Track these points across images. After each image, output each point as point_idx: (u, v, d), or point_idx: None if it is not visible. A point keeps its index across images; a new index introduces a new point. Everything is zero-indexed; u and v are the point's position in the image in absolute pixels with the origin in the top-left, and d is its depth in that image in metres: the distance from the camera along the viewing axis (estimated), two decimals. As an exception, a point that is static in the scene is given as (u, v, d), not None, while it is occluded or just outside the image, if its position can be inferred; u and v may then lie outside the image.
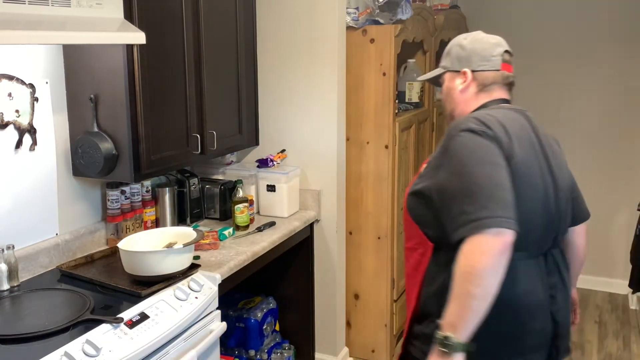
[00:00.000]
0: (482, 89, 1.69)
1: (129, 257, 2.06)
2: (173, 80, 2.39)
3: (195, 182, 2.82)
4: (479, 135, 1.49)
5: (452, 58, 1.73)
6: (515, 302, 1.51)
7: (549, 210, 1.57)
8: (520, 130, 1.59)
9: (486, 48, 1.69)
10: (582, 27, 4.06)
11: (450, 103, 1.75)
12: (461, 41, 1.72)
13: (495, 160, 1.46)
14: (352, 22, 2.99)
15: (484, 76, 1.68)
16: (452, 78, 1.73)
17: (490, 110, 1.63)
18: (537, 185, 1.54)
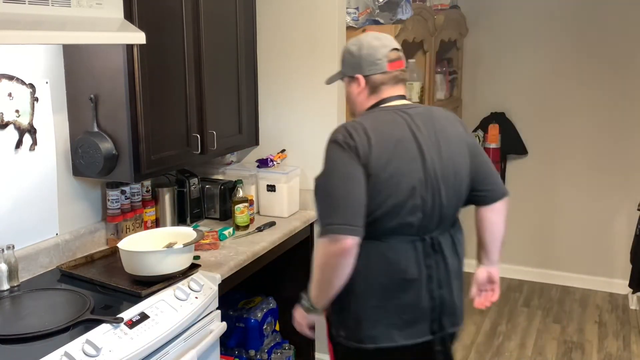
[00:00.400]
0: (373, 91, 1.84)
1: (129, 257, 2.06)
2: (173, 80, 2.39)
3: (195, 182, 2.82)
4: (341, 148, 1.69)
5: (345, 64, 1.88)
6: (388, 278, 1.76)
7: (424, 201, 1.74)
8: (389, 132, 1.74)
9: (372, 53, 1.83)
10: (583, 28, 4.06)
11: (352, 105, 1.92)
12: (350, 48, 1.86)
13: (348, 173, 1.67)
14: (352, 22, 2.99)
15: (374, 79, 1.83)
16: (350, 83, 1.88)
17: (368, 115, 1.82)
18: (402, 182, 1.71)
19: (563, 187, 4.29)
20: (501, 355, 3.44)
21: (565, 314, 3.95)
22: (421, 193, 1.73)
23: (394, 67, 1.85)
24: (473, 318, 3.89)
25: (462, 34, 4.29)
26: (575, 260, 4.35)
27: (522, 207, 4.43)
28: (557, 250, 4.39)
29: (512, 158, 4.40)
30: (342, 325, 1.83)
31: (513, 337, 3.64)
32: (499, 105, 4.35)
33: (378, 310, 1.78)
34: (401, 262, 1.76)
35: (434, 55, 3.70)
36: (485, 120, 4.35)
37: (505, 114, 4.33)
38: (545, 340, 3.60)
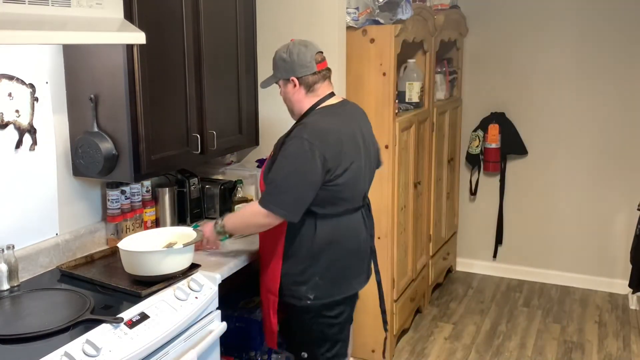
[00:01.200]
0: (309, 90, 2.19)
1: (129, 257, 2.06)
2: (173, 80, 2.39)
3: (195, 182, 2.82)
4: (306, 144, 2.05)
5: (279, 69, 2.21)
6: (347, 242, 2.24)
7: (364, 180, 2.26)
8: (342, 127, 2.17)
9: (301, 57, 2.16)
10: (583, 27, 4.06)
11: (290, 104, 2.25)
12: (282, 55, 2.19)
13: (304, 169, 2.06)
14: (352, 22, 2.99)
15: (307, 80, 2.18)
16: (285, 84, 2.22)
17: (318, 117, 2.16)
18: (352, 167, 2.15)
19: (563, 187, 4.29)
20: (501, 355, 3.44)
21: (565, 314, 3.95)
22: (362, 175, 2.23)
23: (321, 67, 2.20)
24: (473, 318, 3.89)
25: (462, 34, 4.29)
26: (575, 260, 4.35)
27: (522, 207, 4.43)
28: (557, 250, 4.39)
29: (512, 158, 4.40)
30: (312, 289, 2.21)
31: (513, 337, 3.64)
32: (499, 105, 4.36)
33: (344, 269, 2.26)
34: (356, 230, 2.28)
35: (434, 55, 3.71)
36: (485, 120, 4.35)
37: (505, 114, 4.33)
38: (545, 340, 3.60)
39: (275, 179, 2.10)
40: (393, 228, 3.19)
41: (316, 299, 2.23)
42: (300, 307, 2.25)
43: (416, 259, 3.65)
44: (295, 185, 2.08)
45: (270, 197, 2.09)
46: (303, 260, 2.21)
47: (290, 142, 2.09)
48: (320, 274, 2.22)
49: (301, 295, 2.23)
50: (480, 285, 4.44)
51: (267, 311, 2.33)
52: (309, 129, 2.10)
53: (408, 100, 3.49)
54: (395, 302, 3.32)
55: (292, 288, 2.24)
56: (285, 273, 2.24)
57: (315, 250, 2.20)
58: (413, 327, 3.76)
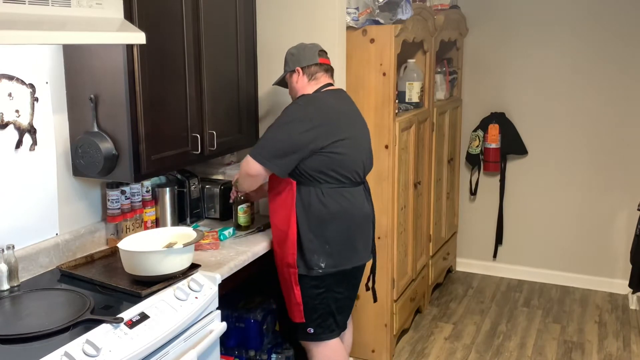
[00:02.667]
0: (311, 78, 2.48)
1: (129, 257, 2.06)
2: (173, 80, 2.39)
3: (195, 182, 2.82)
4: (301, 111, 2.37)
5: (287, 63, 2.52)
6: (352, 212, 2.45)
7: (361, 159, 2.48)
8: (339, 105, 2.47)
9: (307, 51, 2.49)
10: (583, 27, 4.06)
11: (294, 93, 2.53)
12: (292, 50, 2.53)
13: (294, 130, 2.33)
14: (352, 22, 2.99)
15: (310, 69, 2.48)
16: (291, 76, 2.52)
17: (319, 94, 2.45)
18: (349, 141, 2.41)
19: (563, 187, 4.29)
20: (501, 355, 3.44)
21: (565, 314, 3.95)
22: (362, 152, 2.50)
23: (324, 62, 2.51)
24: (473, 318, 3.89)
25: (462, 34, 4.29)
26: (575, 260, 4.35)
27: (522, 207, 4.43)
28: (557, 250, 4.39)
29: (512, 158, 4.40)
30: (323, 257, 2.40)
31: (513, 337, 3.64)
32: (499, 105, 4.36)
33: (351, 238, 2.46)
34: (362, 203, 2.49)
35: (434, 55, 3.70)
36: (485, 120, 4.35)
37: (505, 114, 4.33)
38: (545, 340, 3.60)
39: (265, 134, 2.39)
40: (393, 228, 3.19)
41: (327, 267, 2.40)
42: (310, 279, 2.42)
43: (416, 259, 3.65)
44: (280, 139, 2.34)
45: (256, 148, 2.38)
46: (314, 228, 2.39)
47: (286, 107, 2.43)
48: (330, 242, 2.40)
49: (313, 264, 2.40)
50: (480, 285, 4.44)
51: (290, 285, 2.46)
52: (306, 97, 2.43)
53: (408, 100, 3.49)
54: (395, 302, 3.32)
55: (305, 257, 2.40)
56: (299, 242, 2.40)
57: (325, 218, 2.39)
58: (413, 327, 3.76)
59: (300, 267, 2.42)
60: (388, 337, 3.29)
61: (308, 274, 2.42)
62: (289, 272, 2.45)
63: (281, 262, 2.49)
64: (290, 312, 2.55)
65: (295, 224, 2.40)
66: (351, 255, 2.47)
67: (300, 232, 2.40)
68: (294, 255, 2.42)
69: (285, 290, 2.54)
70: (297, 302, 2.47)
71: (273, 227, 2.52)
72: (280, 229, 2.47)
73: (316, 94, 2.45)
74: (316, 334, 2.52)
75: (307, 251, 2.40)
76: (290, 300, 2.51)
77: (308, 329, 2.50)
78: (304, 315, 2.48)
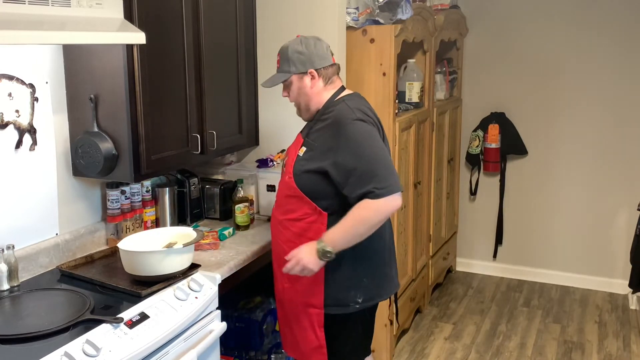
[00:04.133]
0: (327, 82, 2.10)
1: (129, 257, 2.06)
2: (173, 80, 2.39)
3: (195, 182, 2.82)
4: (367, 124, 1.98)
5: (294, 63, 2.08)
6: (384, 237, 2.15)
7: None
8: (375, 113, 2.11)
9: (319, 49, 2.08)
10: (583, 27, 4.06)
11: (305, 99, 2.11)
12: (297, 48, 2.07)
13: (382, 144, 2.00)
14: (352, 22, 2.99)
15: (326, 72, 2.09)
16: (300, 79, 2.09)
17: (352, 101, 2.07)
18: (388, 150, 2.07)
19: (563, 187, 4.29)
20: (501, 355, 3.44)
21: (565, 314, 3.95)
22: None
23: (334, 60, 2.14)
24: (473, 318, 3.89)
25: (462, 34, 4.29)
26: (575, 260, 4.35)
27: (522, 207, 4.43)
28: (557, 250, 4.39)
29: (512, 158, 4.40)
30: (360, 292, 2.08)
31: (513, 337, 3.64)
32: (499, 105, 4.36)
33: (385, 265, 2.17)
34: (387, 225, 2.15)
35: (434, 55, 3.70)
36: (485, 120, 4.35)
37: (505, 114, 4.33)
38: (545, 340, 3.60)
39: (373, 167, 1.92)
40: (393, 228, 3.19)
41: (364, 302, 2.10)
42: (343, 316, 2.10)
43: (416, 259, 3.65)
44: (390, 160, 1.99)
45: (385, 182, 1.90)
46: (349, 262, 2.06)
47: (352, 128, 1.96)
48: (369, 275, 2.10)
49: (349, 302, 2.08)
50: (480, 285, 4.44)
51: (309, 327, 2.14)
52: (356, 110, 2.01)
53: (408, 100, 3.49)
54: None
55: (339, 296, 2.08)
56: (330, 281, 2.07)
57: (363, 248, 2.03)
58: (413, 327, 3.76)
59: (330, 307, 2.08)
60: (388, 337, 3.29)
61: (341, 312, 2.09)
62: (309, 313, 2.11)
63: (294, 300, 2.15)
64: (304, 354, 2.19)
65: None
66: (387, 284, 2.19)
67: (331, 268, 2.04)
68: (321, 295, 2.07)
69: (297, 330, 2.17)
70: (320, 345, 2.13)
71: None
72: None
73: (355, 101, 2.07)
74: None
75: (342, 289, 2.07)
76: (307, 344, 2.15)
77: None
78: (328, 356, 2.15)
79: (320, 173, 2.00)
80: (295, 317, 2.17)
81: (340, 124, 1.98)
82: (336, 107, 2.05)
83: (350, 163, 1.93)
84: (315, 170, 2.01)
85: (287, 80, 2.13)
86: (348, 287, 2.08)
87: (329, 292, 2.08)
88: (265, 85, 2.19)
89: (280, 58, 2.13)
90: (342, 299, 2.09)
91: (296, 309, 2.16)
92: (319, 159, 2.00)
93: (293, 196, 2.07)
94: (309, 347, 2.17)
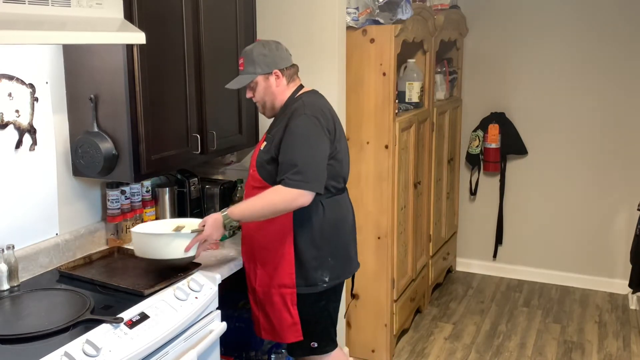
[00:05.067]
0: (289, 80, 2.29)
1: (140, 240, 2.12)
2: (173, 80, 2.39)
3: (195, 182, 2.82)
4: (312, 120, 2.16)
5: (260, 64, 2.24)
6: (347, 220, 2.36)
7: (348, 161, 2.37)
8: (332, 108, 2.33)
9: (281, 51, 2.28)
10: (582, 28, 4.06)
11: (270, 97, 2.28)
12: (261, 50, 2.24)
13: (319, 142, 2.16)
14: (352, 22, 2.99)
15: (288, 72, 2.28)
16: (266, 79, 2.26)
17: (309, 97, 2.27)
18: (343, 144, 2.31)
19: (563, 187, 4.29)
20: (501, 355, 3.44)
21: (565, 314, 3.95)
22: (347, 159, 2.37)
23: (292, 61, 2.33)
24: (473, 318, 3.89)
25: (462, 34, 4.29)
26: (575, 260, 4.35)
27: (521, 207, 4.43)
28: (557, 250, 4.39)
29: (512, 158, 4.40)
30: (327, 271, 2.27)
31: (513, 337, 3.64)
32: (499, 105, 4.36)
33: (347, 247, 2.37)
34: (350, 208, 2.40)
35: (434, 55, 3.70)
36: (485, 120, 4.35)
37: (505, 114, 4.33)
38: (545, 340, 3.60)
39: (295, 159, 2.10)
40: (393, 228, 3.19)
41: (330, 280, 2.29)
42: (313, 295, 2.27)
43: (416, 259, 3.65)
44: (317, 160, 2.14)
45: (300, 175, 2.08)
46: (316, 243, 2.25)
47: (295, 121, 2.16)
48: (332, 254, 2.29)
49: (317, 280, 2.27)
50: (480, 285, 4.44)
51: (282, 307, 2.28)
52: (308, 106, 2.20)
53: (408, 100, 3.50)
54: (395, 302, 3.32)
55: (307, 276, 2.25)
56: (299, 261, 2.24)
57: (326, 230, 2.26)
58: (413, 327, 3.76)
59: (301, 286, 2.25)
60: (388, 337, 3.29)
61: (311, 291, 2.27)
62: (282, 293, 2.27)
63: (267, 284, 2.28)
64: (279, 334, 2.34)
65: (292, 245, 2.23)
66: (349, 264, 2.40)
67: (300, 249, 2.23)
68: (292, 275, 2.24)
69: (271, 312, 2.31)
70: (294, 322, 2.29)
71: (256, 249, 2.29)
72: (268, 249, 2.26)
73: (311, 98, 2.28)
74: (321, 347, 2.36)
75: (310, 269, 2.25)
76: (282, 323, 2.31)
77: (312, 343, 2.34)
78: (302, 333, 2.31)
79: (275, 162, 2.18)
80: (269, 299, 2.30)
81: (293, 116, 2.18)
82: (295, 104, 2.24)
83: (283, 152, 2.14)
84: (271, 160, 2.19)
85: (252, 81, 2.26)
86: (315, 268, 2.25)
87: (299, 272, 2.25)
88: (231, 86, 2.31)
89: (244, 60, 2.27)
90: (310, 279, 2.25)
91: (269, 292, 2.29)
92: (274, 150, 2.19)
93: (259, 187, 2.21)
94: (284, 325, 2.30)
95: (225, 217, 2.15)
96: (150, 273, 2.15)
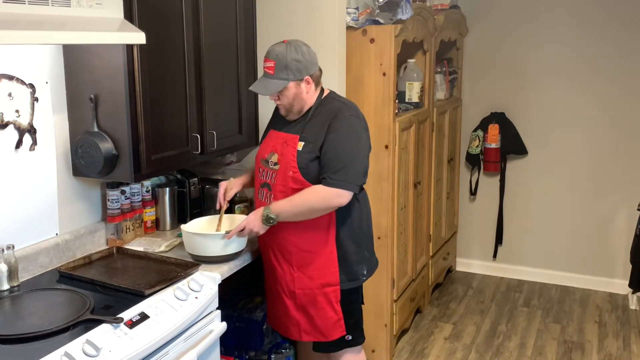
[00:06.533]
0: (317, 84, 2.29)
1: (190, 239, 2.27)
2: (173, 80, 2.39)
3: (195, 182, 2.82)
4: (361, 122, 2.24)
5: (292, 71, 2.19)
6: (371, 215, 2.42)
7: None
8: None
9: (312, 55, 2.24)
10: (582, 28, 4.06)
11: (301, 103, 2.26)
12: (295, 55, 2.19)
13: (365, 145, 2.23)
14: (352, 22, 2.99)
15: (317, 76, 2.27)
16: (298, 85, 2.22)
17: (342, 98, 2.35)
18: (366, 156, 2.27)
19: (563, 187, 4.29)
20: (501, 355, 3.44)
21: (565, 314, 3.95)
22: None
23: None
24: (473, 318, 3.89)
25: (462, 34, 4.29)
26: (575, 260, 4.35)
27: (522, 207, 4.43)
28: (557, 250, 4.39)
29: (512, 158, 4.40)
30: (364, 264, 2.34)
31: (513, 337, 3.64)
32: (499, 105, 4.36)
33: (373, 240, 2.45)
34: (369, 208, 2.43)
35: (434, 55, 3.70)
36: (485, 120, 4.35)
37: (505, 114, 4.33)
38: (545, 340, 3.60)
39: (341, 158, 2.15)
40: (393, 228, 3.19)
41: (367, 273, 2.38)
42: (350, 290, 2.33)
43: (416, 259, 3.65)
44: (361, 159, 2.20)
45: (341, 175, 2.13)
46: (355, 239, 2.31)
47: (341, 122, 2.19)
48: (367, 247, 2.38)
49: (358, 275, 2.34)
50: (480, 285, 4.44)
51: (327, 305, 2.30)
52: (351, 108, 2.27)
53: (408, 100, 3.49)
54: (395, 302, 3.32)
55: (349, 271, 2.31)
56: (342, 258, 2.29)
57: (364, 224, 2.34)
58: (413, 327, 3.76)
59: (344, 282, 2.30)
60: (388, 337, 3.29)
61: (352, 286, 2.32)
62: (326, 292, 2.29)
63: (309, 285, 2.29)
64: (324, 333, 2.34)
65: (335, 241, 2.26)
66: (375, 257, 2.49)
67: (342, 246, 2.28)
68: (335, 273, 2.28)
69: (314, 312, 2.31)
70: (339, 319, 2.32)
71: (293, 253, 2.29)
72: (307, 251, 2.27)
73: (343, 98, 2.36)
74: (354, 339, 2.40)
75: (352, 264, 2.31)
76: (327, 321, 2.32)
77: (346, 336, 2.37)
78: (345, 328, 2.35)
79: (318, 161, 2.20)
80: (312, 300, 2.31)
81: (337, 117, 2.20)
82: (330, 105, 2.26)
83: (328, 149, 2.16)
84: (315, 159, 2.19)
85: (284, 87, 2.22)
86: (357, 262, 2.32)
87: (342, 269, 2.29)
88: (260, 92, 2.29)
89: (275, 65, 2.18)
90: (352, 274, 2.32)
91: (312, 293, 2.30)
92: (317, 149, 2.20)
93: (299, 189, 2.21)
94: (329, 323, 2.33)
95: (266, 209, 2.20)
96: (150, 273, 2.15)
